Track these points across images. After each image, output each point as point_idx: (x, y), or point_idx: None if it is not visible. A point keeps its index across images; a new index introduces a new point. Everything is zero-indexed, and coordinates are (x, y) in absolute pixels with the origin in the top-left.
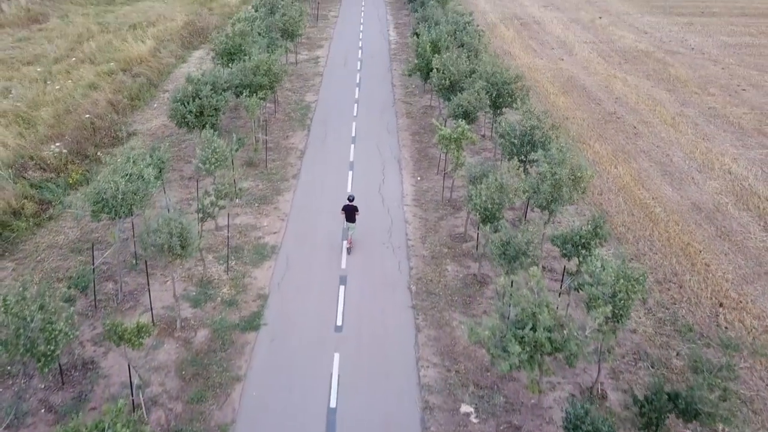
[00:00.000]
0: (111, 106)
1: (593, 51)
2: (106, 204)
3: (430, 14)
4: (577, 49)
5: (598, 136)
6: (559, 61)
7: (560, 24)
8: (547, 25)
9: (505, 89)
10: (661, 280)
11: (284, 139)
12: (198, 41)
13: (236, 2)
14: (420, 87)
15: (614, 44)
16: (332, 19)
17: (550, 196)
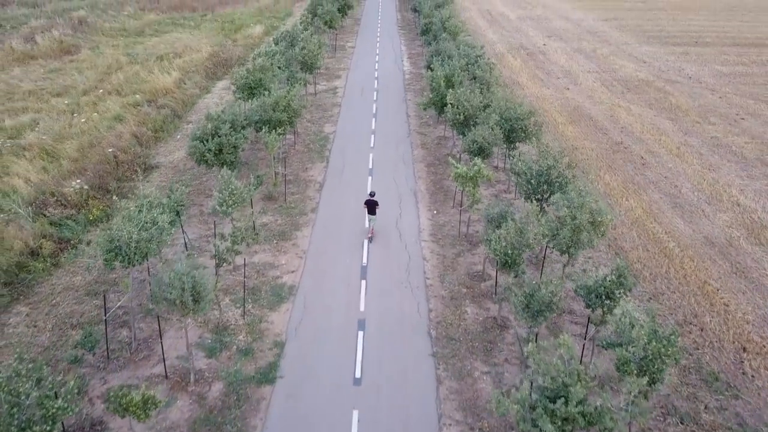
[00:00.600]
0: (135, 138)
1: (597, 80)
2: (119, 252)
3: (443, 48)
4: (582, 78)
5: (608, 167)
6: (565, 91)
7: (564, 54)
8: (551, 55)
9: (518, 124)
10: (682, 322)
11: (303, 171)
12: (221, 72)
13: (259, 33)
14: (434, 118)
15: (616, 73)
16: (349, 50)
17: (570, 240)
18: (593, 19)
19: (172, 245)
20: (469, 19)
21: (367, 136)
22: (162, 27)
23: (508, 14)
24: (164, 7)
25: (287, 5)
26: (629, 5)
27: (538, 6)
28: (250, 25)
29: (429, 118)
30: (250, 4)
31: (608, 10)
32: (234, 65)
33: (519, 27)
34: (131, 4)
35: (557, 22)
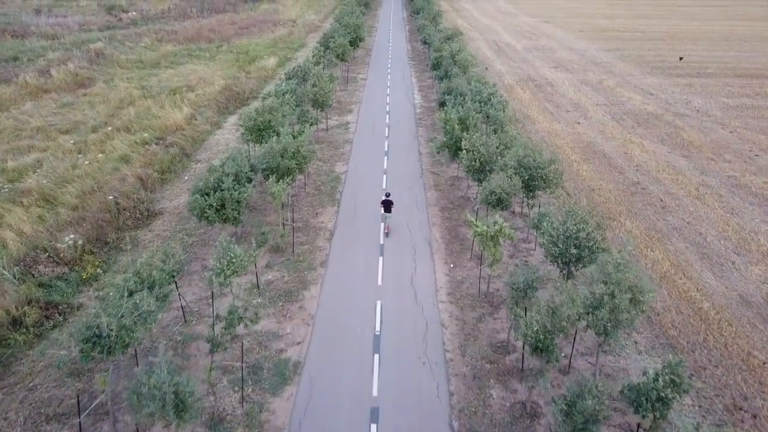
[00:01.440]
0: (140, 181)
1: (606, 114)
2: (97, 342)
3: (455, 85)
4: (591, 111)
5: (627, 211)
6: (575, 125)
7: (572, 86)
8: (559, 87)
9: (538, 173)
10: (730, 406)
11: (313, 217)
12: (234, 106)
13: (273, 65)
14: (446, 156)
15: (624, 106)
16: (361, 82)
17: (608, 321)
18: (596, 49)
19: (168, 310)
20: (477, 50)
21: (380, 176)
22: (178, 58)
23: (515, 45)
24: (181, 38)
25: (301, 36)
26: (628, 35)
27: (543, 36)
28: (263, 57)
29: (441, 156)
30: (265, 35)
31: (609, 41)
32: (247, 98)
33: (525, 58)
34: (149, 36)
35: (562, 52)
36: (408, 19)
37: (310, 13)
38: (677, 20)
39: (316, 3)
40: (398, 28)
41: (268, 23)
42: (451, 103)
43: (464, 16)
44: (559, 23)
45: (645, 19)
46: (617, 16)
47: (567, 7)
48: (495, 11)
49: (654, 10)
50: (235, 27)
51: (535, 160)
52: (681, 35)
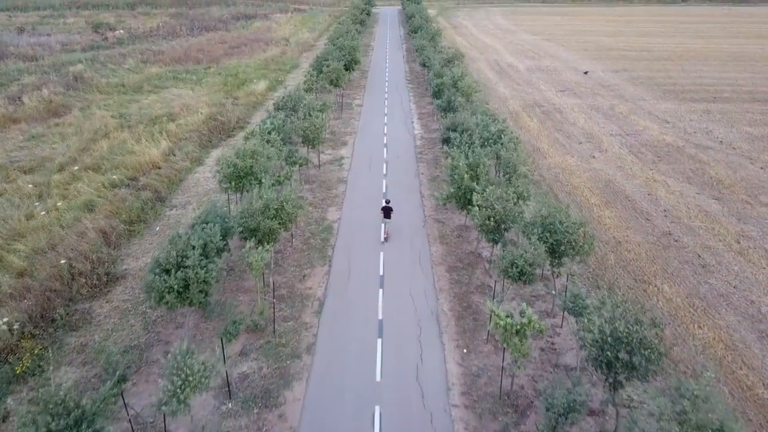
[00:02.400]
0: (102, 236)
1: (623, 146)
2: None
3: (460, 120)
4: (606, 143)
5: (662, 272)
6: (591, 159)
7: (582, 113)
8: (568, 114)
9: (566, 237)
10: None
11: (300, 281)
12: (218, 139)
13: (262, 90)
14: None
15: (640, 136)
16: (356, 108)
17: None
18: (603, 70)
19: (115, 420)
20: (479, 71)
21: (377, 224)
22: (162, 82)
23: (517, 65)
24: (167, 59)
25: (294, 56)
26: (635, 55)
27: (546, 56)
28: (253, 80)
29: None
30: (256, 55)
31: (616, 60)
32: (233, 128)
33: (529, 80)
34: (134, 57)
35: (567, 73)
36: (405, 37)
37: (304, 31)
38: (682, 38)
39: (310, 20)
40: (395, 46)
41: (259, 42)
42: (456, 142)
43: (463, 33)
44: (561, 41)
45: (648, 36)
46: (619, 34)
47: (566, 23)
48: (494, 28)
49: (656, 27)
50: (225, 46)
51: (561, 223)
52: (688, 54)
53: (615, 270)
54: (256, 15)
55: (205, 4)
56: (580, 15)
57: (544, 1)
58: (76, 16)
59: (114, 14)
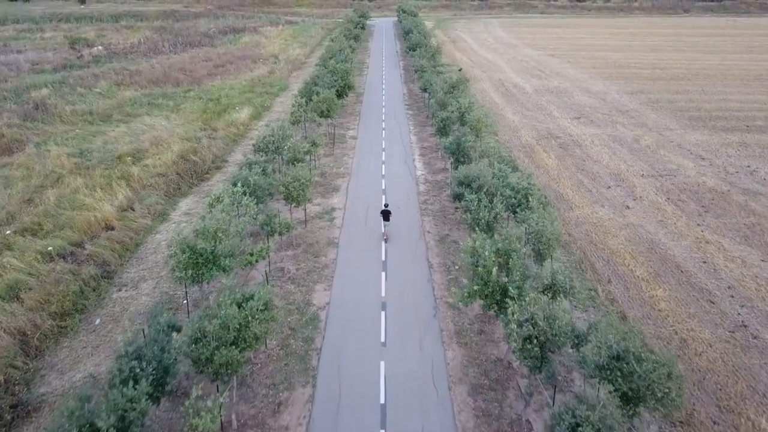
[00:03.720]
0: (20, 339)
1: (659, 192)
2: None
3: (475, 174)
4: (639, 187)
5: (751, 392)
6: (624, 211)
7: (603, 146)
8: (589, 148)
9: (644, 382)
10: None
11: (272, 416)
12: (188, 184)
13: (245, 119)
14: (465, 270)
15: (676, 178)
16: (350, 142)
17: None
18: (617, 91)
19: None
20: (483, 93)
21: (376, 316)
22: (135, 108)
23: (524, 86)
24: (144, 80)
25: (283, 76)
26: (648, 73)
27: (553, 75)
28: (236, 107)
29: (460, 272)
30: (242, 75)
31: (629, 80)
32: (207, 170)
33: (539, 103)
34: (108, 78)
35: (579, 96)
36: (402, 53)
37: (294, 47)
38: (693, 53)
39: (302, 33)
40: (392, 63)
41: (246, 60)
42: (474, 207)
43: (462, 48)
44: (567, 57)
45: (658, 51)
46: (627, 48)
47: (568, 36)
48: (495, 42)
49: (664, 41)
50: (209, 65)
51: (639, 361)
52: (705, 73)
53: (687, 387)
54: (245, 29)
55: (193, 17)
56: (580, 27)
57: (542, 12)
58: (56, 30)
59: (96, 28)
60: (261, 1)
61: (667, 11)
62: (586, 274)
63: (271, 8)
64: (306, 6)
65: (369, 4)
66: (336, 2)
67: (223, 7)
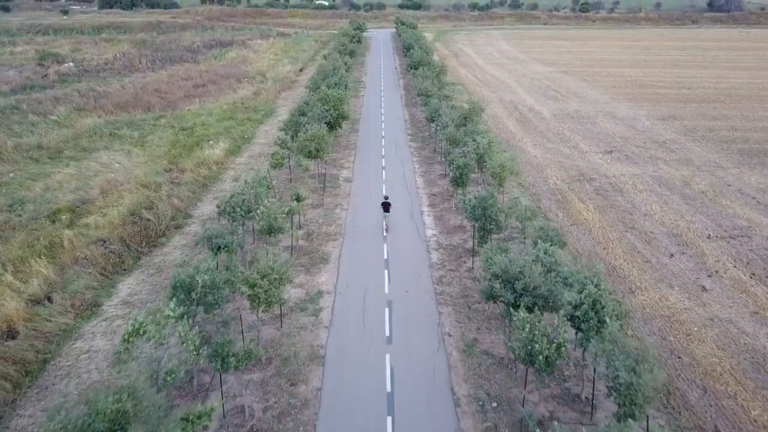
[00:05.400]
0: None
1: (737, 262)
2: None
3: (515, 268)
4: (710, 256)
5: None
6: (701, 294)
7: (648, 191)
8: (632, 194)
9: None
10: None
11: None
12: (134, 255)
13: (220, 156)
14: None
15: (752, 240)
16: (344, 186)
17: None
18: (646, 116)
19: None
20: (495, 119)
21: None
22: (93, 141)
23: (539, 109)
24: (111, 105)
25: (270, 98)
26: (674, 94)
27: (570, 96)
28: (210, 140)
29: (499, 412)
30: (224, 97)
31: (656, 103)
32: (162, 232)
33: (561, 132)
34: (68, 102)
35: (604, 122)
36: (401, 69)
37: (285, 62)
38: (718, 70)
39: (294, 47)
40: (391, 83)
41: (230, 79)
42: (527, 331)
43: (466, 63)
44: (581, 74)
45: (679, 67)
46: (643, 64)
47: (577, 50)
48: (500, 56)
49: (682, 56)
50: (188, 85)
51: None
52: (737, 93)
53: None
54: (232, 42)
55: (180, 28)
56: (588, 39)
57: (546, 23)
58: (29, 43)
59: (73, 41)
60: (253, 12)
61: (675, 22)
62: (680, 416)
63: (263, 19)
64: (300, 17)
65: (365, 15)
66: (331, 13)
67: (213, 18)
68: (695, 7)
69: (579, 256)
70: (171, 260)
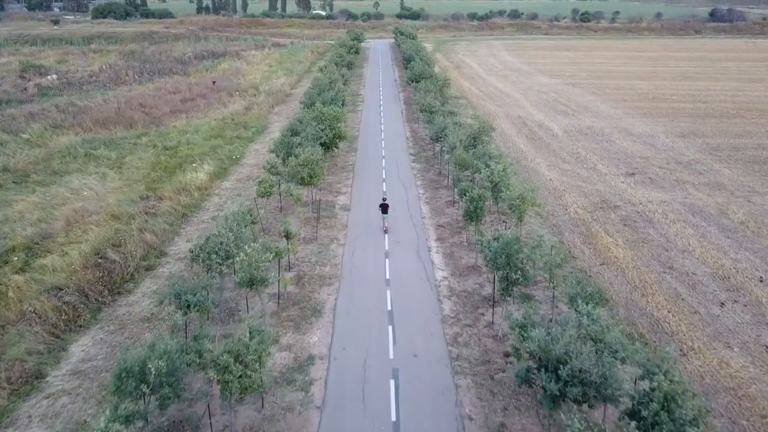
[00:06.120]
0: None
1: None
2: None
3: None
4: (767, 305)
5: None
6: (767, 358)
7: (682, 222)
8: (664, 226)
9: None
10: None
11: None
12: (93, 309)
13: (203, 181)
14: None
15: None
16: (341, 215)
17: None
18: (664, 133)
19: None
20: (504, 136)
21: None
22: (66, 163)
23: (550, 126)
24: (91, 121)
25: (262, 113)
26: (690, 108)
27: (581, 110)
28: (195, 161)
29: None
30: (213, 112)
31: (672, 118)
32: (130, 275)
33: (576, 152)
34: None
35: (621, 140)
36: (401, 82)
37: (279, 74)
38: (732, 82)
39: (289, 58)
40: (390, 97)
41: (221, 92)
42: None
43: (468, 75)
44: (589, 86)
45: (690, 79)
46: (652, 76)
47: (582, 60)
48: (503, 68)
49: (691, 67)
50: (175, 99)
51: None
52: (756, 107)
53: None
54: (225, 53)
55: (172, 38)
56: (592, 50)
57: (547, 33)
58: (15, 54)
59: (61, 52)
60: (249, 22)
61: (678, 32)
62: None
63: (259, 29)
64: (296, 27)
65: (363, 25)
66: (328, 23)
67: (207, 29)
68: (696, 17)
69: (615, 306)
70: (137, 312)
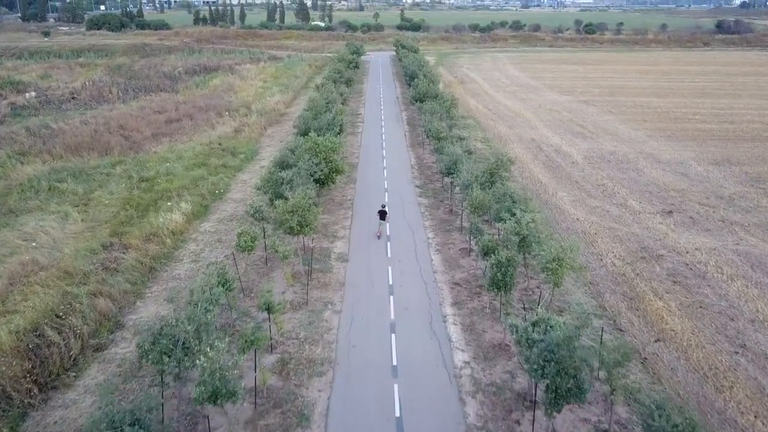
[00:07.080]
0: None
1: None
2: None
3: None
4: None
5: None
6: None
7: (742, 278)
8: (720, 284)
9: None
10: None
11: None
12: (12, 419)
13: (178, 224)
14: None
15: None
16: (337, 269)
17: None
18: (695, 160)
19: None
20: (519, 163)
21: None
22: (25, 200)
23: (568, 151)
24: (62, 147)
25: (253, 136)
26: (718, 130)
27: (599, 133)
28: (172, 198)
29: None
30: (199, 135)
31: (701, 142)
32: (74, 360)
33: (601, 183)
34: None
35: (649, 168)
36: (403, 99)
37: (274, 91)
38: (754, 99)
39: (285, 73)
40: (392, 117)
41: (210, 112)
42: None
43: (474, 91)
44: (604, 105)
45: (710, 97)
46: (669, 93)
47: (592, 74)
48: (510, 83)
49: (708, 82)
50: (160, 119)
51: None
52: None
53: None
54: (219, 67)
55: (165, 51)
56: (600, 64)
57: (551, 45)
58: None
59: (47, 66)
60: (245, 34)
61: (686, 44)
62: None
63: (255, 41)
64: (294, 39)
65: (363, 37)
66: (327, 35)
67: (203, 41)
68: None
69: (685, 405)
70: (72, 419)
